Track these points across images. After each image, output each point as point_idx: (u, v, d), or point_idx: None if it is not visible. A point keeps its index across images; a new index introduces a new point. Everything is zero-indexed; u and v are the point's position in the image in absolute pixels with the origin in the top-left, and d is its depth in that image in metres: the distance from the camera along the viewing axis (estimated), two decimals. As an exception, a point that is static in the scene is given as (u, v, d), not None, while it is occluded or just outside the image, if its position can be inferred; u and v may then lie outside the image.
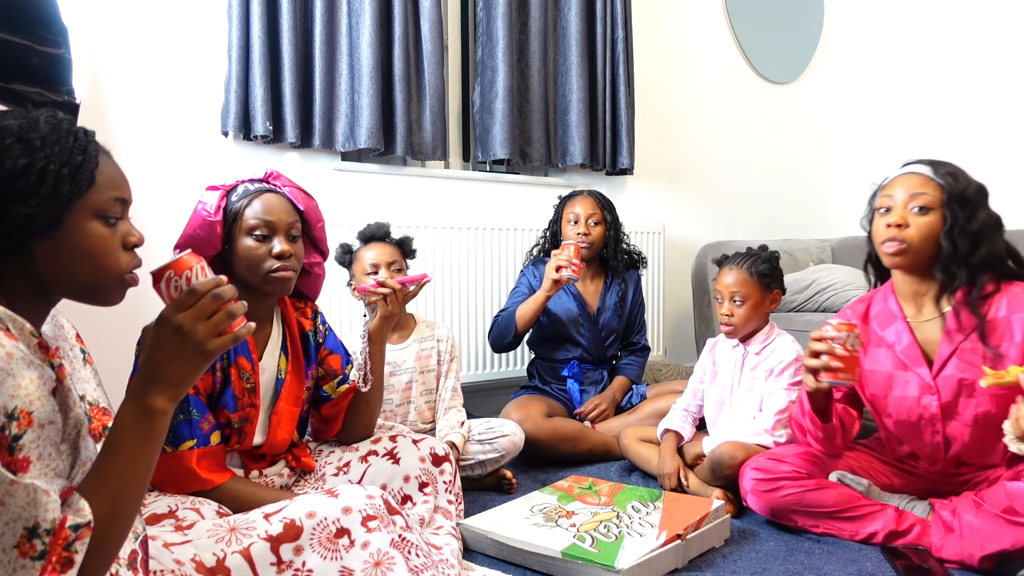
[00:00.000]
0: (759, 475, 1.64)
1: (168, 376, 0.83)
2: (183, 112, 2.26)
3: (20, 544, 0.72)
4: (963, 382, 1.53)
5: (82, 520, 0.76)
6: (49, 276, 0.86)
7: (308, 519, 1.12)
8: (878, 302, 1.68)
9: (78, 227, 0.86)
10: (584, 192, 2.50)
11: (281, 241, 1.37)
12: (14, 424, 0.73)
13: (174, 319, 0.84)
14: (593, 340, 2.47)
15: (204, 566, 1.03)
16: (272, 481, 1.45)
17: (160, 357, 0.83)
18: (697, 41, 3.52)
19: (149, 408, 0.83)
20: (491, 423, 2.02)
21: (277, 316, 1.49)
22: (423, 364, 2.04)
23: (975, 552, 1.40)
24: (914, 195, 1.53)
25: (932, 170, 1.55)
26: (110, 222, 0.89)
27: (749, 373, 1.93)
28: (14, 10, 0.96)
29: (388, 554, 1.13)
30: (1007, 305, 1.50)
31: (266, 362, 1.44)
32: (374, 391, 1.59)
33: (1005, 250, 1.54)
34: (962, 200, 1.51)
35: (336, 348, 1.58)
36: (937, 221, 1.52)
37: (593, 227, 2.43)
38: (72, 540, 0.75)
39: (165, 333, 0.84)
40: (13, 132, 0.84)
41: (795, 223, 3.86)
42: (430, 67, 2.57)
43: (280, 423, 1.44)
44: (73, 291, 0.89)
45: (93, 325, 1.30)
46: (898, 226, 1.52)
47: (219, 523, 1.11)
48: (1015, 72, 3.66)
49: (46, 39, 1.00)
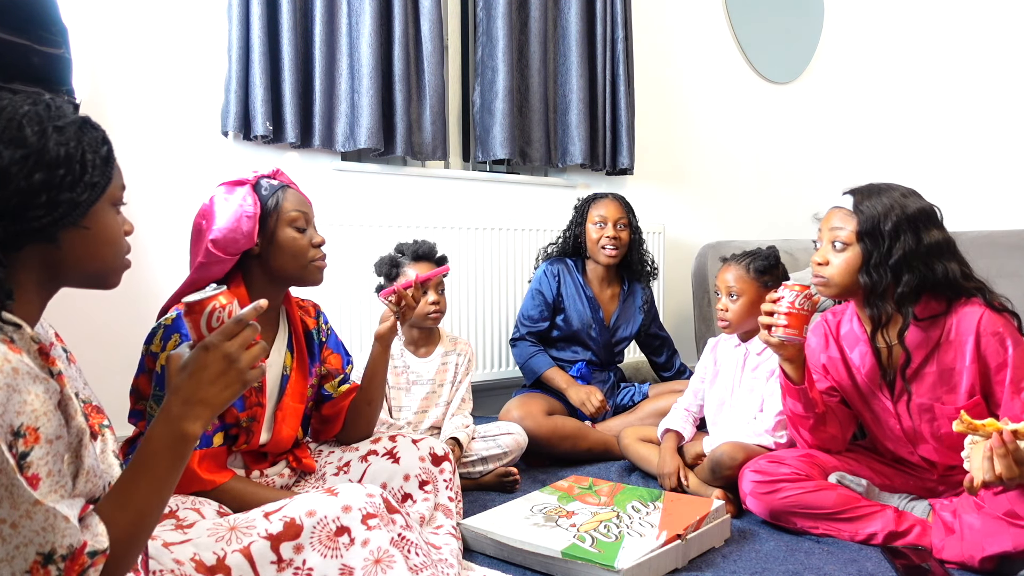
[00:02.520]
0: (758, 477, 1.64)
1: (209, 399, 0.85)
2: (183, 112, 2.26)
3: (33, 570, 0.72)
4: (921, 406, 1.54)
5: (100, 547, 0.76)
6: (72, 264, 0.86)
7: (308, 517, 1.12)
8: (846, 321, 1.68)
9: (103, 215, 0.87)
10: (609, 195, 2.48)
11: (315, 232, 1.44)
12: (21, 441, 0.72)
13: (223, 347, 0.86)
14: (604, 345, 2.47)
15: (204, 565, 1.03)
16: (273, 481, 1.45)
17: (204, 380, 0.85)
18: (697, 41, 3.52)
19: (185, 434, 0.84)
20: (496, 425, 2.07)
21: (282, 314, 1.50)
22: (441, 377, 2.09)
23: (976, 553, 1.40)
24: (832, 230, 1.53)
25: (854, 202, 1.52)
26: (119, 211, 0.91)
27: (750, 373, 1.93)
28: (14, 10, 0.96)
29: (388, 552, 1.13)
30: (956, 327, 1.49)
31: (272, 359, 1.45)
32: (376, 392, 1.59)
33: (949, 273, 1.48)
34: (876, 234, 1.47)
35: (337, 348, 1.60)
36: (855, 257, 1.50)
37: (622, 231, 2.40)
38: (87, 567, 0.75)
39: (213, 359, 0.86)
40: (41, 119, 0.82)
41: (795, 223, 3.86)
42: (430, 67, 2.57)
43: (285, 420, 1.45)
44: (88, 277, 0.90)
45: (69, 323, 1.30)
46: (820, 264, 1.53)
47: (219, 522, 1.11)
48: (1014, 72, 3.66)
49: (46, 39, 1.00)
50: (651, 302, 2.58)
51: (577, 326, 2.43)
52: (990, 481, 1.21)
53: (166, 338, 1.29)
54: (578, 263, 2.49)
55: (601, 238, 2.39)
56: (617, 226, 2.39)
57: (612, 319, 2.46)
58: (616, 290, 2.51)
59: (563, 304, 2.43)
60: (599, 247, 2.40)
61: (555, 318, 2.43)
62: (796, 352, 1.57)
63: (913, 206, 1.49)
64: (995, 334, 1.46)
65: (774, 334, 1.54)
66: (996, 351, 1.46)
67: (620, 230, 2.40)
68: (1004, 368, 1.45)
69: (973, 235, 2.54)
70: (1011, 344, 1.45)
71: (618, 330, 2.47)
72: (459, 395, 2.10)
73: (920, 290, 1.48)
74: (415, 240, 2.09)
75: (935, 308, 1.51)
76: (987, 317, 1.47)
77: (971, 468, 1.25)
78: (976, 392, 1.49)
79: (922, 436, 1.58)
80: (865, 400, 1.65)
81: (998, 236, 2.69)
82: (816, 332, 1.72)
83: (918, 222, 1.48)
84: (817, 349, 1.71)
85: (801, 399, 1.60)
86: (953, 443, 1.47)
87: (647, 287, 2.53)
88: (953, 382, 1.50)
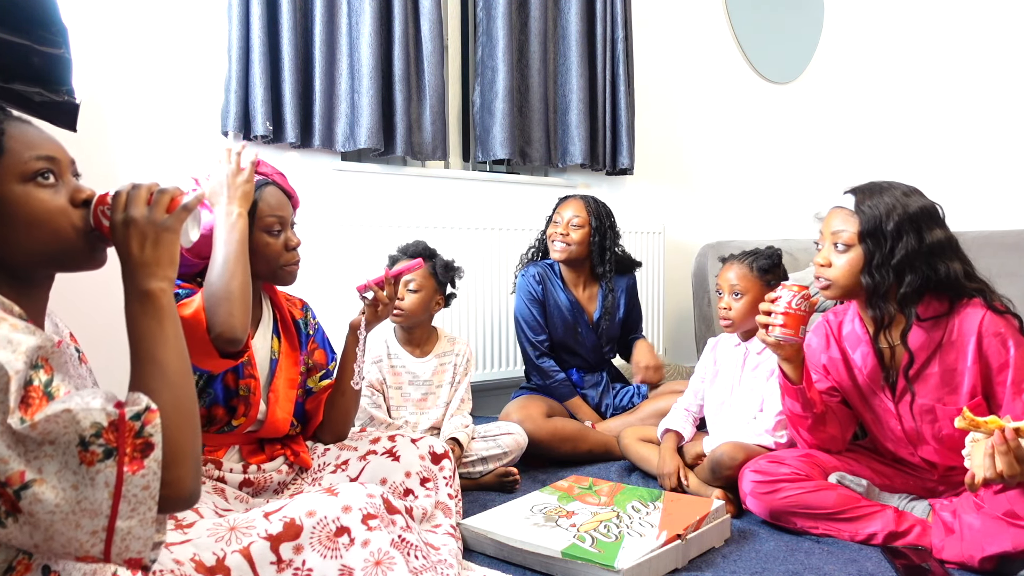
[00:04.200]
0: (758, 477, 1.64)
1: (146, 262, 0.84)
2: (183, 112, 2.26)
3: (80, 457, 0.72)
4: (923, 407, 1.54)
5: (139, 407, 0.75)
6: (8, 253, 0.84)
7: (308, 518, 1.12)
8: (848, 322, 1.68)
9: (9, 195, 0.83)
10: (577, 195, 2.45)
11: (291, 234, 1.42)
12: (41, 372, 0.73)
13: (117, 216, 0.85)
14: (592, 347, 2.45)
15: (204, 565, 1.03)
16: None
17: (129, 252, 0.84)
18: (697, 41, 3.52)
19: (145, 292, 0.83)
20: (496, 425, 2.07)
21: (265, 299, 1.50)
22: (439, 378, 2.08)
23: (975, 553, 1.40)
24: (835, 232, 1.52)
25: (855, 202, 1.51)
26: (47, 183, 0.86)
27: (751, 373, 1.93)
28: (14, 10, 0.95)
29: (388, 553, 1.13)
30: (958, 328, 1.49)
31: (258, 342, 1.45)
32: (345, 382, 1.57)
33: (951, 272, 1.47)
34: (878, 234, 1.47)
35: (323, 343, 1.61)
36: (857, 258, 1.50)
37: (573, 228, 2.35)
38: (140, 427, 0.74)
39: (120, 234, 0.85)
40: None
41: (795, 223, 3.85)
42: (430, 67, 2.57)
43: (278, 402, 1.45)
44: (39, 261, 0.87)
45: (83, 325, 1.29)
46: (822, 265, 1.53)
47: (219, 522, 1.11)
48: (1013, 71, 3.66)
49: (46, 39, 1.00)
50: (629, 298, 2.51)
51: (561, 334, 2.40)
52: (991, 478, 1.22)
53: None
54: (556, 265, 2.46)
55: (553, 236, 2.37)
56: (569, 224, 2.36)
57: (594, 319, 2.44)
58: (594, 290, 2.47)
59: (547, 309, 2.40)
60: (551, 245, 2.39)
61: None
62: (794, 352, 1.57)
63: (915, 205, 1.48)
64: (997, 335, 1.46)
65: (771, 334, 1.54)
66: (998, 352, 1.46)
67: (573, 228, 2.35)
68: (1005, 369, 1.45)
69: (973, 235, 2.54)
70: (1012, 345, 1.45)
71: (603, 330, 2.45)
72: (458, 395, 2.09)
73: (922, 290, 1.48)
74: (416, 240, 2.10)
75: (937, 308, 1.51)
76: (989, 318, 1.47)
77: (972, 465, 1.25)
78: (978, 393, 1.49)
79: (923, 437, 1.57)
80: (866, 400, 1.65)
81: (998, 236, 2.69)
82: (817, 332, 1.72)
83: (920, 221, 1.47)
84: (818, 349, 1.71)
85: (799, 399, 1.60)
86: (954, 444, 1.47)
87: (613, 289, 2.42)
88: (955, 383, 1.50)
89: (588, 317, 2.44)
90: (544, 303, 2.40)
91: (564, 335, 2.41)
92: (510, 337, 2.73)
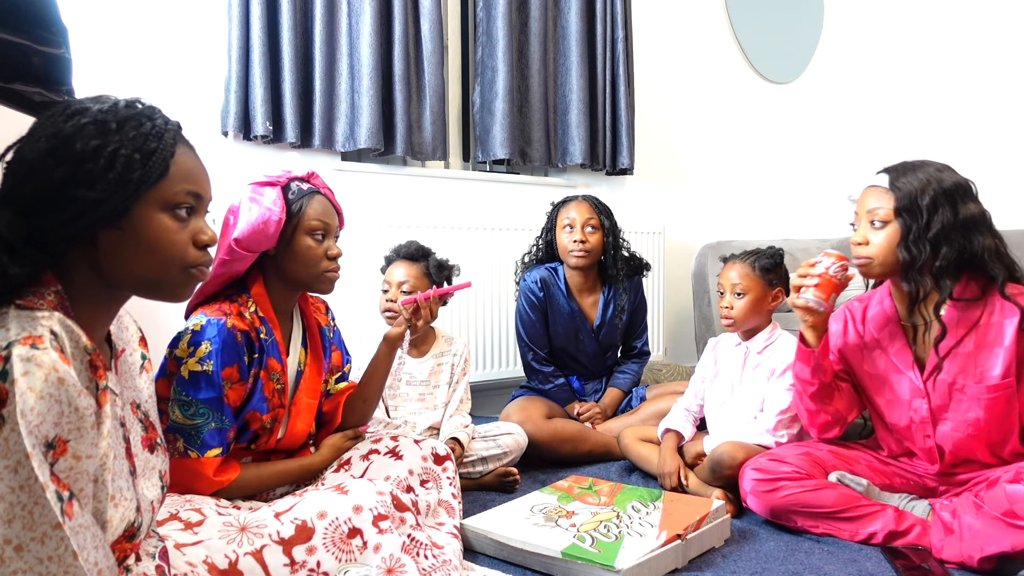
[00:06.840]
0: (759, 475, 1.64)
1: None
2: (183, 112, 2.21)
3: None
4: (953, 386, 1.54)
5: None
6: (112, 268, 0.82)
7: (320, 519, 1.12)
8: (875, 304, 1.68)
9: (146, 218, 0.82)
10: (579, 197, 2.39)
11: (334, 244, 1.43)
12: (50, 453, 0.70)
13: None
14: (593, 355, 2.43)
15: (216, 568, 1.03)
16: (274, 491, 1.45)
17: None
18: (697, 41, 3.52)
19: None
20: (496, 425, 2.07)
21: (296, 311, 1.51)
22: (437, 378, 2.08)
23: (975, 553, 1.40)
24: (871, 210, 1.54)
25: (890, 179, 1.53)
26: (180, 216, 0.85)
27: (751, 372, 1.93)
28: (14, 10, 0.96)
29: (400, 560, 1.13)
30: (1000, 309, 1.50)
31: (290, 358, 1.46)
32: (373, 390, 1.59)
33: (988, 247, 1.49)
34: (913, 207, 1.49)
35: (341, 345, 1.62)
36: (894, 233, 1.51)
37: (590, 233, 2.30)
38: None
39: None
40: (91, 114, 0.81)
41: (795, 223, 3.86)
42: (430, 67, 2.57)
43: (299, 415, 1.45)
44: (137, 285, 0.86)
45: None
46: (860, 244, 1.54)
47: (228, 521, 1.11)
48: (1014, 71, 3.66)
49: (46, 39, 1.00)
50: (638, 301, 2.46)
51: (562, 341, 2.37)
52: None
53: (194, 343, 1.28)
54: (559, 269, 2.40)
55: (570, 243, 2.29)
56: (585, 228, 2.29)
57: (595, 326, 2.39)
58: (597, 296, 2.41)
59: (549, 316, 2.35)
60: (568, 252, 2.31)
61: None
62: (820, 320, 1.60)
63: (949, 180, 1.51)
64: None
65: (802, 295, 1.58)
66: None
67: (589, 232, 2.29)
68: None
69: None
70: None
71: (606, 337, 2.41)
72: (457, 395, 2.09)
73: (959, 266, 1.49)
74: (409, 241, 2.09)
75: (974, 291, 1.52)
76: None
77: None
78: (1011, 374, 1.50)
79: (947, 417, 1.57)
80: (886, 383, 1.64)
81: (998, 236, 2.68)
82: (836, 319, 1.73)
83: (955, 195, 1.50)
84: (835, 335, 1.72)
85: (811, 362, 1.62)
86: (977, 431, 1.51)
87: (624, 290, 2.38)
88: (989, 363, 1.51)
89: (589, 324, 2.40)
90: (546, 309, 2.36)
91: (565, 342, 2.39)
92: (510, 337, 2.73)
